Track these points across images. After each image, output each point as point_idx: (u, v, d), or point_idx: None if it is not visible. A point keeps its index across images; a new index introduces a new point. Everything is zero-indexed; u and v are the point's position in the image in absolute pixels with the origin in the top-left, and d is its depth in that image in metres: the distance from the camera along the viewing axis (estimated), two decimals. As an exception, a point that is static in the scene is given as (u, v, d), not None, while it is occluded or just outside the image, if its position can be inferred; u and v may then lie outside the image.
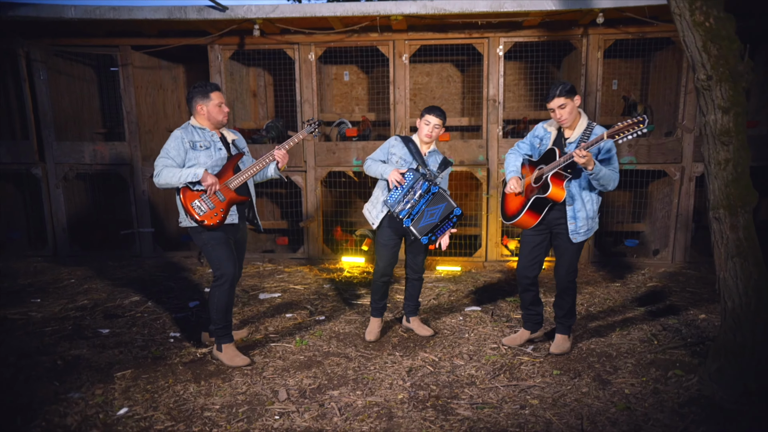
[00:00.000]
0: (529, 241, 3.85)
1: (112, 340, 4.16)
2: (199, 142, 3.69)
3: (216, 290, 3.73)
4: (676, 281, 5.53)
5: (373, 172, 4.03)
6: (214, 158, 3.72)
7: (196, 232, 3.71)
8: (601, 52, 5.97)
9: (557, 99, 3.51)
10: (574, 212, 3.64)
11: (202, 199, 3.59)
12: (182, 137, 3.65)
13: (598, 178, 3.46)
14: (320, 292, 5.41)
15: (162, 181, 3.57)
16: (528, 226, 3.76)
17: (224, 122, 3.80)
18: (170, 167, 3.59)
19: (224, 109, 3.77)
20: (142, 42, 6.38)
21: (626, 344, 3.97)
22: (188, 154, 3.66)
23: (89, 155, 6.63)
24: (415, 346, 4.09)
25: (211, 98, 3.71)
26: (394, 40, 6.19)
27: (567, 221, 3.65)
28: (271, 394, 3.34)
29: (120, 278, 5.85)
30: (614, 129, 3.24)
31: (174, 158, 3.62)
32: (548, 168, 3.57)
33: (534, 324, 4.04)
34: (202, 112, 3.72)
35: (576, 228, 3.64)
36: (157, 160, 3.62)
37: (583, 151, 3.29)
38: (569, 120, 3.56)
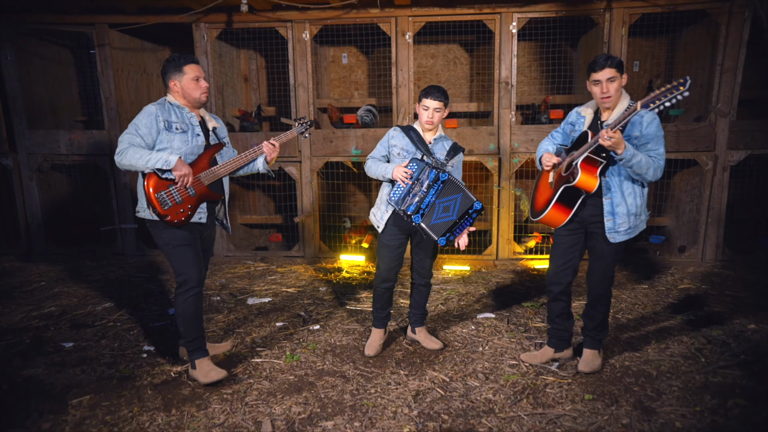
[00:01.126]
0: (562, 242, 3.31)
1: (75, 355, 3.63)
2: (175, 124, 3.13)
3: (180, 299, 3.21)
4: (711, 283, 4.98)
5: (375, 174, 3.48)
6: (190, 145, 3.17)
7: (156, 228, 3.17)
8: (625, 28, 5.39)
9: (608, 70, 2.92)
10: (612, 206, 3.09)
11: (170, 191, 3.05)
12: (157, 114, 3.09)
13: (630, 165, 2.89)
14: (315, 295, 4.87)
15: (125, 161, 3.00)
16: (558, 224, 3.20)
17: (203, 100, 3.23)
18: (138, 147, 3.01)
19: (202, 85, 3.19)
20: (121, 19, 5.80)
21: (666, 361, 3.44)
22: (161, 135, 3.09)
23: (65, 145, 6.08)
24: (422, 362, 3.56)
25: (185, 72, 3.15)
26: (396, 17, 5.61)
27: (603, 217, 3.10)
28: (253, 426, 2.81)
29: (96, 280, 5.31)
30: (649, 97, 2.69)
31: (144, 137, 3.04)
32: (578, 153, 3.03)
33: (560, 341, 3.49)
34: (176, 88, 3.17)
35: (614, 225, 3.09)
36: (122, 136, 3.04)
37: (609, 131, 2.76)
38: (614, 99, 2.99)
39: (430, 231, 3.28)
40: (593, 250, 3.24)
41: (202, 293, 3.30)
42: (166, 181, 3.05)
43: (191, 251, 3.21)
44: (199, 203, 3.18)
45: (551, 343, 3.51)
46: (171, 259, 3.23)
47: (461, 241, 3.33)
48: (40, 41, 6.34)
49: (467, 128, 5.85)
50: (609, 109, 3.06)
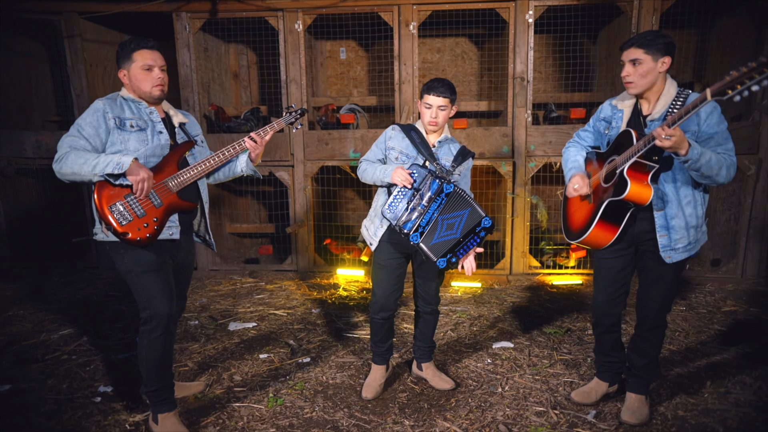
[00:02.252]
0: (609, 266, 2.72)
1: (10, 402, 3.02)
2: (129, 120, 2.53)
3: (144, 339, 2.59)
4: (760, 304, 4.37)
5: (370, 178, 2.88)
6: (150, 144, 2.56)
7: (117, 251, 2.56)
8: (656, 17, 4.79)
9: (633, 50, 2.43)
10: (666, 219, 2.51)
11: (127, 201, 2.44)
12: (104, 110, 2.50)
13: (698, 167, 2.31)
14: (307, 319, 4.27)
15: (66, 169, 2.39)
16: (603, 244, 2.61)
17: (155, 95, 2.59)
18: (81, 151, 2.42)
19: (155, 75, 2.57)
20: (92, 7, 5.21)
21: (732, 411, 2.82)
22: (112, 136, 2.50)
23: (31, 147, 5.50)
24: (430, 407, 2.95)
25: (134, 59, 2.54)
26: (399, 5, 5.02)
27: (656, 232, 2.51)
28: (217, 505, 2.20)
29: (60, 300, 4.71)
30: (721, 83, 2.08)
31: (89, 138, 2.45)
32: (622, 158, 2.44)
33: (614, 374, 2.94)
34: (125, 79, 2.58)
35: (670, 242, 2.51)
36: (62, 139, 2.46)
37: (668, 129, 2.19)
38: (641, 85, 2.45)
39: (429, 252, 2.67)
40: (646, 271, 2.65)
41: (173, 332, 2.69)
42: (123, 190, 2.45)
43: (159, 279, 2.58)
44: (167, 215, 2.57)
45: (604, 377, 2.95)
46: (135, 290, 2.61)
47: (467, 263, 2.72)
48: (6, 32, 5.75)
49: (478, 129, 5.25)
50: (647, 99, 2.51)
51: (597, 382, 3.00)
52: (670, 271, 2.57)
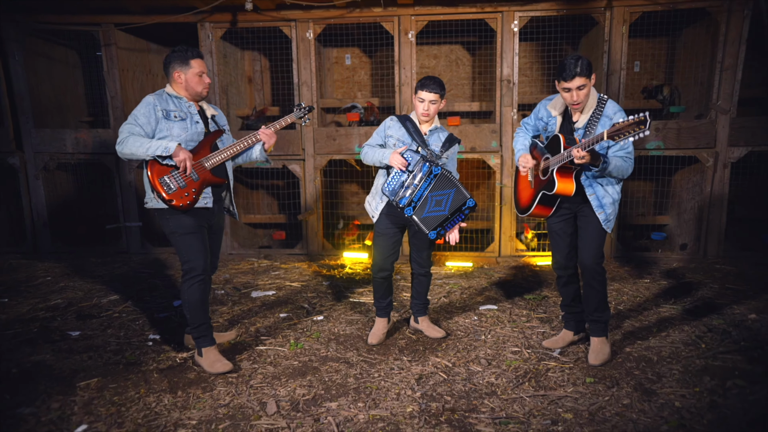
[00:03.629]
0: (558, 230, 3.37)
1: (81, 343, 3.67)
2: (173, 112, 3.20)
3: (185, 285, 3.26)
4: (712, 277, 5.00)
5: (371, 159, 3.51)
6: (189, 132, 3.23)
7: (164, 216, 3.22)
8: (626, 27, 5.45)
9: (578, 79, 2.96)
10: (600, 201, 3.15)
11: (172, 175, 3.10)
12: (155, 104, 3.16)
13: (606, 175, 3.02)
14: (319, 289, 4.91)
15: (126, 150, 3.06)
16: (544, 216, 3.36)
17: (203, 95, 3.30)
18: (138, 136, 3.09)
19: (205, 80, 3.27)
20: (126, 19, 5.89)
21: (667, 347, 3.46)
22: (160, 124, 3.16)
23: (71, 143, 6.15)
24: (425, 349, 3.59)
25: (191, 66, 3.22)
26: (399, 16, 5.69)
27: (594, 210, 3.17)
28: (258, 406, 2.84)
29: (101, 275, 5.36)
30: (614, 128, 2.72)
31: (143, 126, 3.12)
32: (553, 161, 3.11)
33: (578, 323, 3.56)
34: (180, 80, 3.23)
35: (606, 216, 3.18)
36: (122, 126, 3.12)
37: (582, 152, 2.84)
38: (584, 103, 3.09)
39: (421, 224, 3.30)
40: (582, 229, 3.27)
41: (209, 281, 3.34)
42: (169, 167, 3.11)
43: (197, 239, 3.25)
44: (203, 187, 3.23)
45: (569, 327, 3.57)
46: (177, 248, 3.28)
47: (452, 236, 3.38)
48: (47, 42, 6.43)
49: (469, 126, 5.91)
50: (579, 112, 3.14)
51: (564, 332, 3.62)
52: (601, 226, 3.19)
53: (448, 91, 7.05)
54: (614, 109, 3.06)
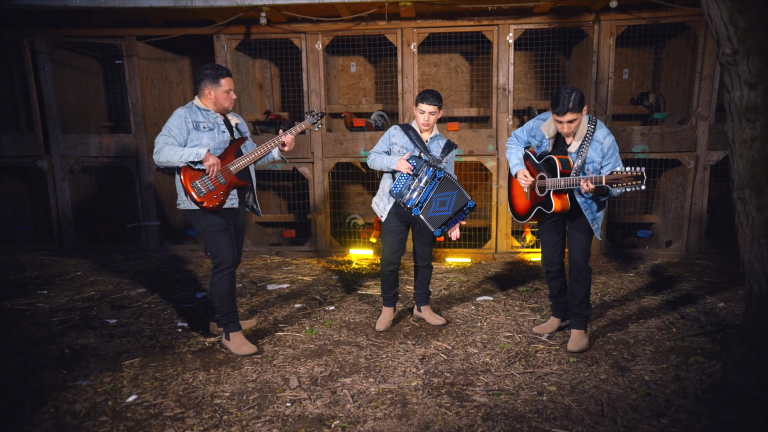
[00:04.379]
0: (548, 229, 3.78)
1: (119, 329, 4.10)
2: (202, 123, 3.62)
3: (216, 277, 3.67)
4: (692, 271, 5.43)
5: (379, 165, 3.93)
6: (216, 140, 3.65)
7: (195, 216, 3.64)
8: (613, 39, 5.87)
9: (569, 114, 3.31)
10: (593, 214, 3.54)
11: (202, 180, 3.51)
12: (185, 116, 3.58)
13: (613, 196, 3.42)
14: (329, 283, 5.33)
15: (162, 158, 3.48)
16: (541, 221, 3.79)
17: (230, 109, 3.73)
18: (171, 145, 3.50)
19: (232, 96, 3.69)
20: (147, 32, 6.31)
21: (643, 332, 3.88)
22: (190, 135, 3.57)
23: (95, 148, 6.58)
24: (427, 335, 4.01)
25: (221, 84, 3.63)
26: (402, 29, 6.11)
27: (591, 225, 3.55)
28: (281, 381, 3.26)
29: (126, 270, 5.78)
30: (613, 176, 3.10)
31: (176, 137, 3.53)
32: (550, 183, 3.47)
33: (564, 311, 3.96)
34: (210, 96, 3.65)
35: (599, 226, 3.60)
36: (158, 138, 3.53)
37: (591, 185, 3.21)
38: (574, 132, 3.46)
39: (427, 222, 3.72)
40: (572, 229, 3.65)
41: (235, 273, 3.76)
42: (199, 172, 3.53)
43: (225, 236, 3.67)
44: (230, 190, 3.65)
45: (557, 314, 3.99)
46: (208, 244, 3.70)
47: (454, 233, 3.81)
48: (71, 53, 6.86)
49: (468, 131, 6.32)
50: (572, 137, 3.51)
51: (552, 319, 4.04)
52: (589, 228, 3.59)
53: (447, 97, 7.50)
54: (603, 134, 3.40)
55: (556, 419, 2.78)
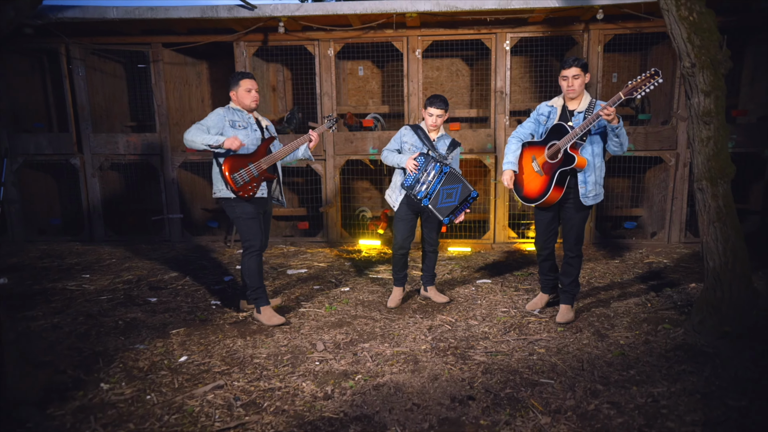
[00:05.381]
0: (543, 218, 4.25)
1: (160, 306, 4.64)
2: (238, 122, 4.16)
3: (246, 258, 4.22)
4: (671, 258, 5.98)
5: (391, 162, 4.47)
6: (250, 137, 4.18)
7: (230, 205, 4.17)
8: (601, 46, 6.41)
9: (573, 68, 3.78)
10: (585, 177, 3.93)
11: (240, 173, 4.05)
12: (224, 115, 4.12)
13: (619, 134, 3.74)
14: (342, 268, 5.88)
15: (189, 137, 3.92)
16: (554, 202, 4.03)
17: (252, 107, 4.23)
18: (200, 131, 3.96)
19: (252, 95, 4.20)
20: (173, 39, 6.85)
21: (623, 307, 4.44)
22: (225, 131, 4.09)
23: (123, 146, 7.11)
24: (433, 310, 4.55)
25: (240, 84, 4.17)
26: (408, 36, 6.65)
27: (578, 185, 3.95)
28: (309, 346, 3.81)
29: (156, 258, 6.33)
30: (629, 87, 3.49)
31: (209, 128, 4.02)
32: (565, 140, 3.82)
33: (552, 288, 4.49)
34: (234, 97, 4.20)
35: (586, 192, 3.94)
36: (194, 125, 4.01)
37: (610, 108, 3.53)
38: (578, 91, 3.86)
39: (436, 212, 4.26)
40: (567, 219, 4.11)
41: (262, 255, 4.30)
42: (237, 165, 4.06)
43: (255, 223, 4.22)
44: (260, 182, 4.19)
45: (546, 291, 4.52)
46: (240, 229, 4.24)
47: (459, 219, 4.33)
48: (101, 58, 7.39)
49: (468, 131, 6.87)
50: (574, 100, 3.95)
51: (541, 294, 4.58)
52: (583, 216, 4.09)
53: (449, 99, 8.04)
54: (604, 103, 3.72)
55: (544, 372, 3.33)
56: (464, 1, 5.95)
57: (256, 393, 3.14)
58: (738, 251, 3.43)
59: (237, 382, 3.28)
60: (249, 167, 4.10)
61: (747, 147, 6.18)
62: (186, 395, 3.12)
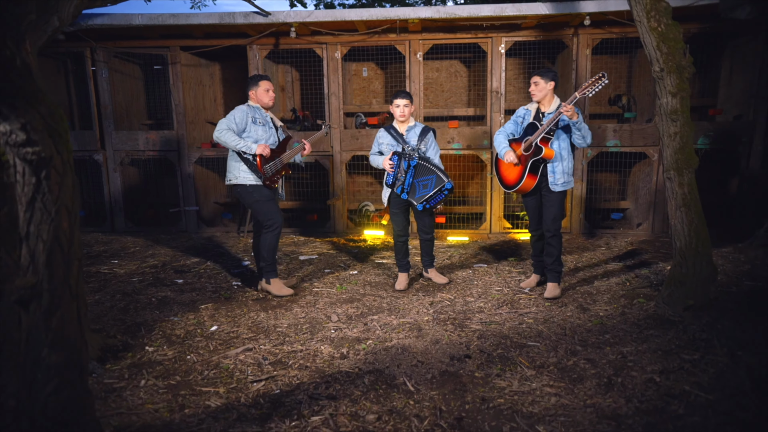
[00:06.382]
0: (531, 204, 4.78)
1: (187, 286, 5.13)
2: (258, 119, 4.67)
3: (268, 235, 4.73)
4: (653, 245, 6.48)
5: (375, 165, 4.98)
6: (268, 133, 4.71)
7: (246, 191, 4.66)
8: (589, 50, 6.91)
9: (535, 77, 4.51)
10: (553, 167, 4.53)
11: (269, 165, 4.57)
12: (247, 111, 4.63)
13: (580, 128, 4.35)
14: (350, 255, 6.37)
15: (222, 138, 4.47)
16: (529, 189, 4.62)
17: (270, 104, 4.76)
18: (231, 131, 4.50)
19: (270, 94, 4.73)
20: (190, 43, 7.33)
21: (604, 286, 4.93)
22: (248, 127, 4.61)
23: (143, 142, 7.60)
24: (434, 290, 5.04)
25: (260, 85, 4.69)
26: (410, 40, 7.13)
27: (547, 173, 4.55)
28: (325, 318, 4.30)
29: (176, 246, 6.82)
30: (582, 88, 4.22)
31: (238, 124, 4.56)
32: (536, 135, 4.47)
33: (542, 269, 5.00)
34: (253, 96, 4.70)
35: (554, 180, 4.54)
36: (221, 122, 4.52)
37: (568, 106, 4.18)
38: (538, 95, 4.51)
39: (414, 201, 4.75)
40: (545, 202, 4.66)
41: (280, 233, 4.81)
42: (268, 160, 4.57)
43: (274, 204, 4.72)
44: (281, 175, 4.70)
45: (537, 271, 5.03)
46: (262, 210, 4.70)
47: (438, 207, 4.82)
48: (121, 60, 7.87)
49: (466, 128, 7.36)
50: (544, 104, 4.56)
51: (533, 275, 5.09)
52: (557, 198, 4.61)
53: (448, 98, 8.54)
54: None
55: (531, 337, 3.82)
56: (462, 8, 6.45)
57: (281, 354, 3.64)
58: (700, 233, 3.93)
59: (263, 346, 3.77)
60: (275, 161, 4.61)
61: (723, 143, 6.68)
62: (221, 356, 3.61)
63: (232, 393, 3.10)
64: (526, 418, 2.76)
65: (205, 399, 3.04)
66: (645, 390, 2.98)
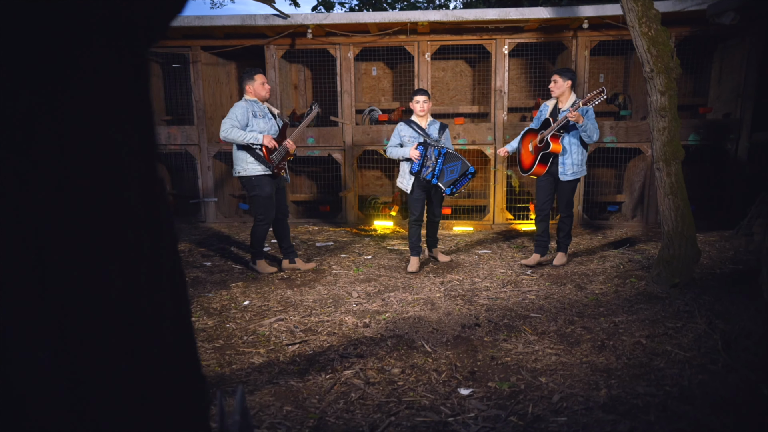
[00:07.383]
0: (543, 185, 5.31)
1: (215, 268, 5.57)
2: (258, 112, 5.10)
3: (257, 228, 5.21)
4: (646, 234, 6.93)
5: (396, 155, 5.39)
6: (268, 124, 5.14)
7: (252, 183, 5.08)
8: (587, 51, 7.35)
9: (554, 75, 5.05)
10: (563, 159, 5.08)
11: (275, 154, 5.03)
12: (247, 107, 5.05)
13: (585, 130, 4.92)
14: (362, 242, 6.81)
15: (230, 136, 4.89)
16: (540, 174, 5.25)
17: (266, 97, 5.18)
18: (236, 128, 4.92)
19: (266, 87, 5.15)
20: (211, 43, 7.76)
21: (600, 269, 5.38)
22: (250, 120, 5.03)
23: (165, 137, 8.03)
24: (444, 272, 5.49)
25: (255, 79, 5.10)
26: (418, 41, 7.57)
27: (558, 165, 5.08)
28: (346, 294, 4.74)
29: (198, 234, 7.25)
30: (585, 99, 4.77)
31: (240, 121, 4.97)
32: (547, 132, 5.02)
33: (543, 248, 5.50)
34: (250, 90, 5.12)
35: (564, 170, 5.08)
36: (225, 121, 4.94)
37: (573, 113, 4.73)
38: (556, 92, 5.06)
39: (443, 187, 5.20)
40: (558, 189, 5.22)
41: (269, 226, 5.27)
42: (273, 150, 5.01)
43: (270, 202, 5.16)
44: (286, 160, 5.17)
45: (538, 251, 5.50)
46: (257, 205, 5.14)
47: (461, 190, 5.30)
48: (144, 58, 8.29)
49: (471, 125, 7.80)
50: (562, 101, 5.06)
51: (534, 254, 5.55)
52: (569, 187, 5.12)
53: (453, 96, 8.97)
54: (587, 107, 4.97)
55: (533, 310, 4.27)
56: (469, 11, 6.88)
57: (310, 324, 4.08)
58: (686, 218, 4.37)
59: (293, 317, 4.21)
60: (279, 148, 5.06)
61: (712, 140, 7.13)
62: (256, 324, 4.05)
63: (272, 353, 3.55)
64: (530, 372, 3.20)
65: (248, 358, 3.48)
66: (633, 350, 3.42)
